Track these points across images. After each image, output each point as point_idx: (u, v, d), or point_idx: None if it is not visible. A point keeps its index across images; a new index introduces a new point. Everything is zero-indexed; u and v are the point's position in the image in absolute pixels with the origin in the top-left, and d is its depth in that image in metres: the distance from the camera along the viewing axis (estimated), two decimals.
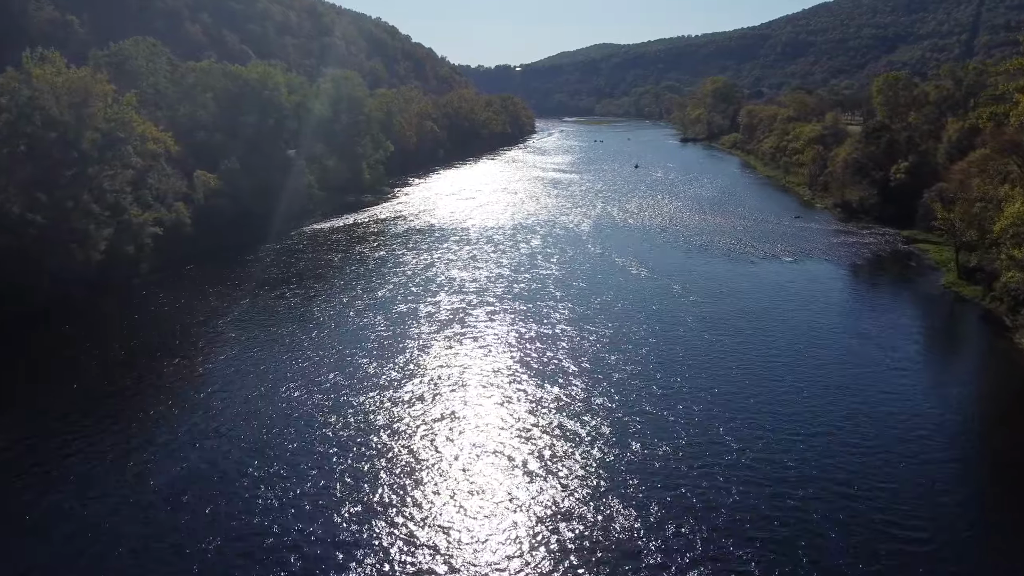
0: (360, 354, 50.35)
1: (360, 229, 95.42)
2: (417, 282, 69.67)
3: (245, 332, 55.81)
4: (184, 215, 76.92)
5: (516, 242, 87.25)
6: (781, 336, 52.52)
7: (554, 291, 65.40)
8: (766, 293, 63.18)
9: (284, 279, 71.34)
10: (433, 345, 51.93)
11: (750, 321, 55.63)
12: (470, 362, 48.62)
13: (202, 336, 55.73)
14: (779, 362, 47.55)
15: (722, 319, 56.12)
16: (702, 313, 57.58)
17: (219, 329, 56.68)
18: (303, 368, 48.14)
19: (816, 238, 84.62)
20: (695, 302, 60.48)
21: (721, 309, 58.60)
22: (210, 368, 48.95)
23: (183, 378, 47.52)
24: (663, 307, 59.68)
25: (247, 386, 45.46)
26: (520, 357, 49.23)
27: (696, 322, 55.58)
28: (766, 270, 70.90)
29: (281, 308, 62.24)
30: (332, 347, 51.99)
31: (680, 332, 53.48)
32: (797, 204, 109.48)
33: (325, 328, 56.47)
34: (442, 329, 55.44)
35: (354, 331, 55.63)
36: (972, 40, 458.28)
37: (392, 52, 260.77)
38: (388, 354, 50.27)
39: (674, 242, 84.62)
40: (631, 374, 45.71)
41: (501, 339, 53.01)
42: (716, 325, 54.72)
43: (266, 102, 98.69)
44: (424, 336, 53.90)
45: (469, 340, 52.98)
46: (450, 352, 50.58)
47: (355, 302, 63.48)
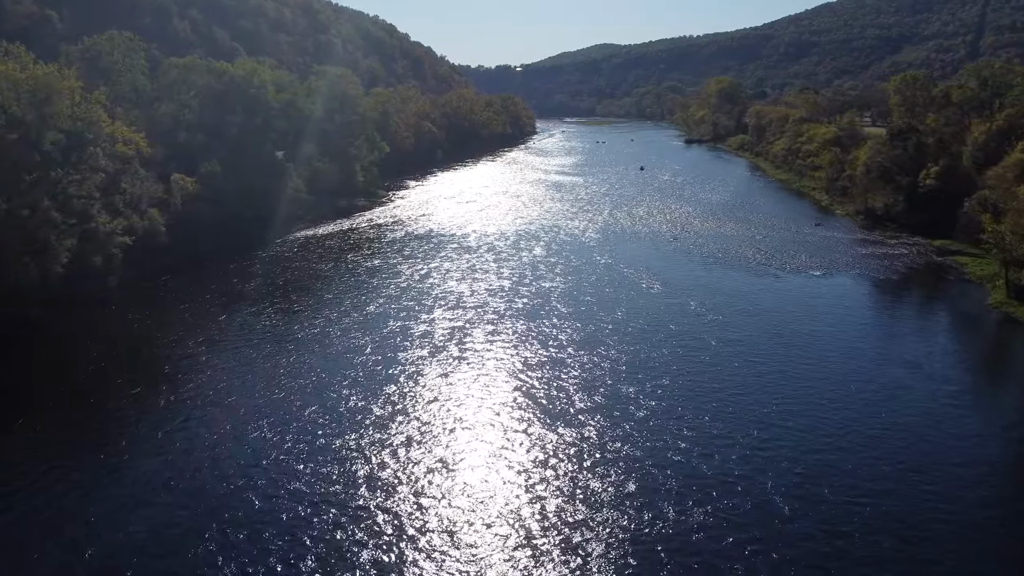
0: (343, 384, 44.45)
1: (351, 235, 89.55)
2: (411, 296, 63.85)
3: (217, 356, 49.96)
4: (158, 222, 71.02)
5: (518, 250, 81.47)
6: (820, 365, 46.58)
7: (560, 307, 59.57)
8: (795, 312, 57.21)
9: (266, 292, 65.50)
10: (426, 374, 46.05)
11: (782, 346, 49.71)
12: (467, 397, 42.71)
13: (169, 360, 49.84)
14: (824, 399, 41.56)
15: (750, 343, 50.23)
16: (726, 335, 51.68)
17: (188, 352, 50.81)
18: (278, 402, 42.24)
19: (840, 248, 78.68)
20: (717, 322, 54.60)
21: (748, 331, 52.70)
22: (173, 401, 43.04)
23: (141, 413, 41.61)
24: (682, 327, 53.78)
25: (213, 425, 39.63)
26: (524, 390, 43.34)
27: (721, 346, 49.68)
28: (792, 285, 64.91)
29: (260, 327, 56.34)
30: (313, 375, 46.10)
31: (704, 359, 47.56)
32: (815, 210, 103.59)
33: (307, 351, 50.58)
34: (437, 353, 49.58)
35: (339, 355, 49.75)
36: (977, 41, 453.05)
37: (390, 51, 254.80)
38: (375, 385, 44.39)
39: (687, 252, 78.74)
40: (653, 411, 39.82)
41: (502, 366, 47.14)
42: (744, 350, 48.82)
43: (252, 100, 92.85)
44: (416, 362, 48.01)
45: (467, 367, 47.10)
46: (445, 383, 44.68)
47: (342, 319, 57.63)
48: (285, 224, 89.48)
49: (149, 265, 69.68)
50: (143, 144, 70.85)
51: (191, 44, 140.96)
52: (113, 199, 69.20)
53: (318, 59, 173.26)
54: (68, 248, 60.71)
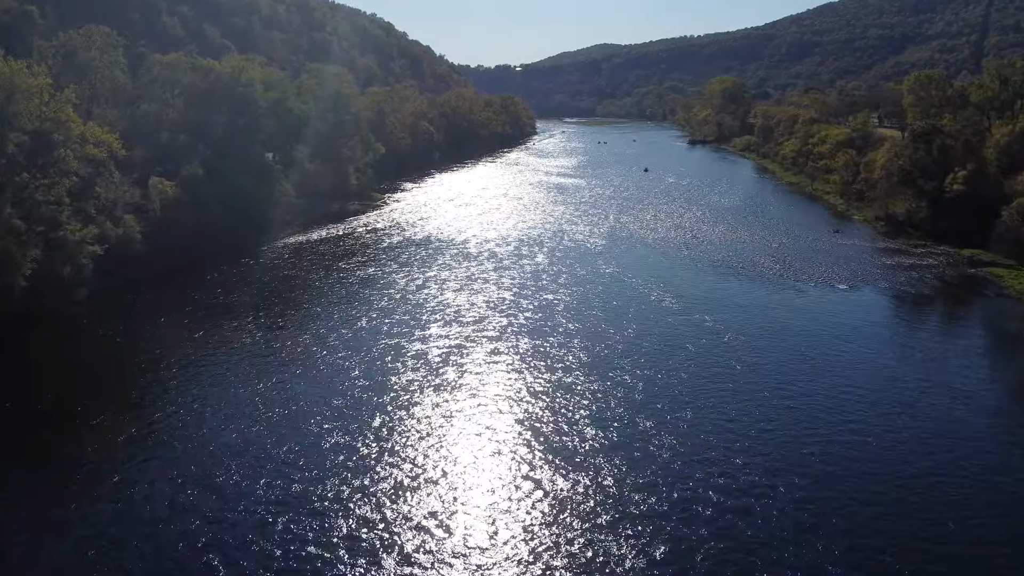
0: (327, 417, 39.66)
1: (343, 241, 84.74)
2: (405, 309, 59.12)
3: (190, 380, 45.29)
4: (134, 229, 66.12)
5: (519, 257, 76.75)
6: (859, 395, 41.77)
7: (565, 323, 54.82)
8: (823, 331, 52.33)
9: (249, 305, 60.71)
10: (419, 404, 41.26)
11: (814, 372, 44.89)
12: (464, 433, 37.93)
13: (137, 386, 45.14)
14: (871, 437, 36.75)
15: (778, 368, 45.45)
16: (750, 358, 46.89)
17: (159, 375, 46.10)
18: (252, 439, 37.45)
19: (863, 258, 73.82)
20: (738, 342, 49.79)
21: (773, 353, 47.91)
22: (136, 436, 38.31)
23: (99, 451, 36.80)
24: (700, 349, 48.98)
25: (180, 464, 34.99)
26: (529, 424, 38.56)
27: (746, 372, 44.90)
28: (816, 300, 60.01)
29: (240, 345, 51.57)
30: (294, 405, 41.33)
31: (729, 387, 42.77)
32: (831, 215, 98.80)
33: (289, 375, 45.85)
34: (432, 379, 44.81)
35: (324, 380, 45.00)
36: (982, 41, 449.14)
37: (387, 49, 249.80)
38: (362, 417, 39.63)
39: (699, 260, 73.94)
40: (676, 451, 35.04)
41: (504, 394, 42.37)
42: (772, 377, 44.05)
43: (239, 100, 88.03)
44: (409, 390, 43.24)
45: (465, 396, 42.33)
46: (440, 415, 39.90)
47: (330, 336, 52.86)
48: (273, 230, 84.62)
49: (123, 276, 64.81)
50: (117, 146, 65.97)
51: (181, 41, 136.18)
52: (85, 205, 64.40)
53: (313, 57, 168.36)
54: (33, 259, 55.92)
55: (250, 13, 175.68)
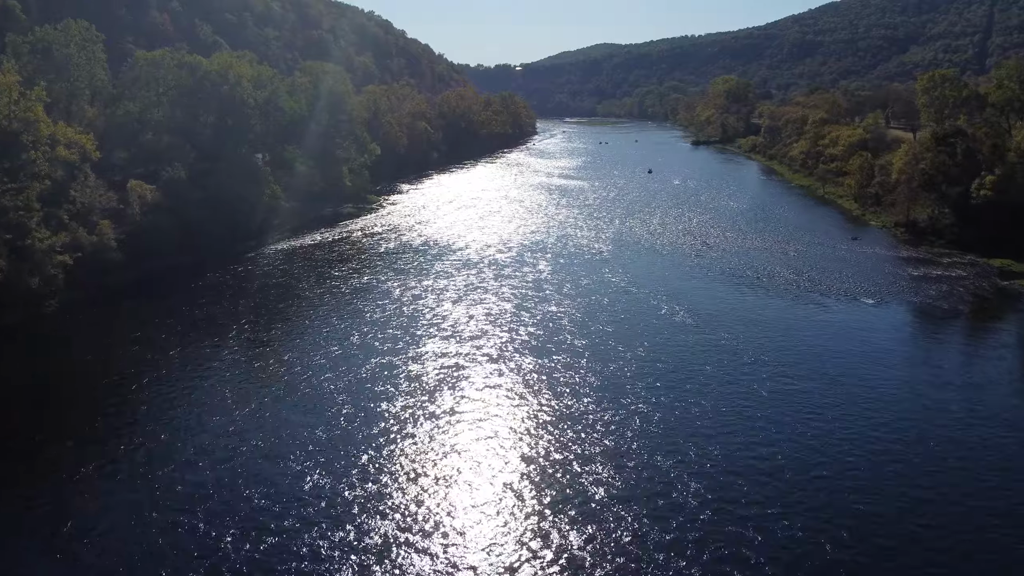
0: (309, 451, 35.47)
1: (335, 247, 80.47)
2: (399, 322, 54.96)
3: (163, 403, 41.39)
4: (108, 236, 61.90)
5: (521, 265, 72.58)
6: (900, 428, 37.53)
7: (571, 340, 50.61)
8: (853, 353, 47.82)
9: (231, 318, 56.54)
10: (412, 436, 37.06)
11: (848, 401, 40.59)
12: (461, 474, 33.72)
13: (104, 410, 41.10)
14: (919, 475, 32.70)
15: (808, 397, 41.17)
16: (777, 384, 42.64)
17: (129, 399, 42.15)
18: (225, 477, 33.35)
19: (886, 268, 69.48)
20: (761, 365, 45.55)
21: (801, 378, 43.58)
22: (98, 471, 34.27)
23: (55, 488, 32.82)
24: (720, 372, 44.75)
25: (140, 510, 30.84)
26: (534, 463, 34.37)
27: (773, 400, 40.66)
28: (841, 316, 55.55)
29: (219, 363, 47.41)
30: (274, 435, 37.22)
31: (757, 418, 38.52)
32: (846, 220, 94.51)
33: (271, 399, 41.71)
34: (426, 404, 40.63)
35: (309, 405, 40.84)
36: (986, 41, 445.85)
37: (386, 48, 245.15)
38: (348, 452, 35.47)
39: (711, 270, 69.64)
40: (703, 499, 30.81)
41: (506, 426, 38.18)
42: (802, 407, 39.79)
43: (226, 98, 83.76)
44: (401, 418, 39.04)
45: (462, 428, 38.12)
46: (434, 451, 35.71)
47: (317, 354, 48.69)
48: (260, 235, 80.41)
49: (97, 286, 60.80)
50: (91, 147, 61.82)
51: (170, 38, 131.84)
52: (57, 211, 60.19)
53: (308, 56, 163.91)
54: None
55: (243, 10, 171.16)
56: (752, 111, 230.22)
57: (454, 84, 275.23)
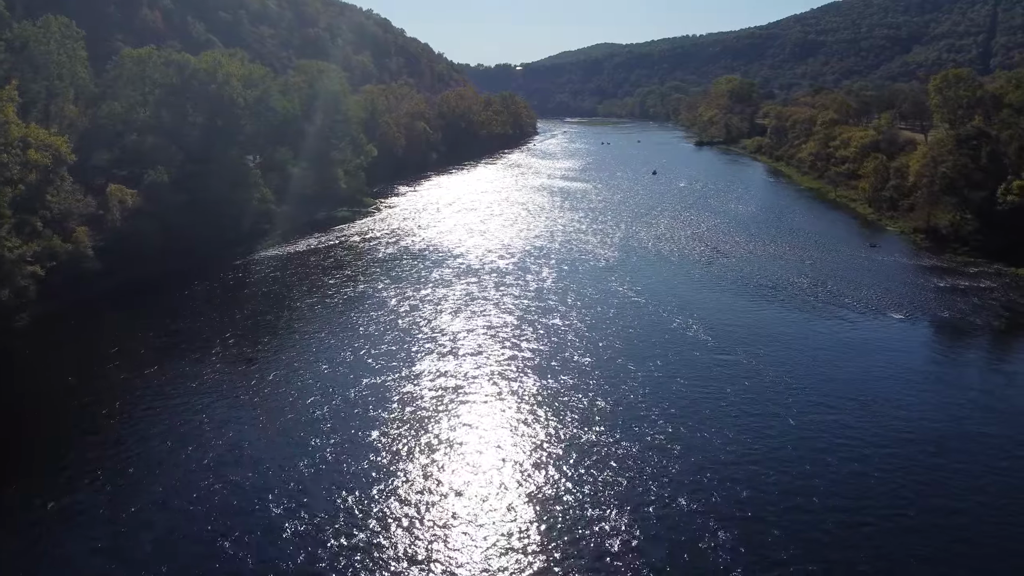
0: (290, 489, 31.92)
1: (328, 254, 76.82)
2: (395, 337, 51.42)
3: (136, 431, 38.24)
4: (84, 245, 58.20)
5: (523, 272, 69.00)
6: (953, 470, 33.72)
7: (578, 358, 47.01)
8: (887, 377, 43.69)
9: (214, 331, 52.98)
10: (404, 473, 33.45)
11: (888, 436, 36.79)
12: (458, 520, 30.04)
13: (71, 437, 37.97)
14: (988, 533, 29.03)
15: (843, 426, 37.45)
16: (807, 412, 38.95)
17: (99, 424, 39.00)
18: (196, 521, 29.72)
19: (910, 278, 65.68)
20: (787, 388, 41.87)
21: (836, 410, 39.60)
22: (55, 511, 30.71)
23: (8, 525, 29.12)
24: (742, 397, 41.06)
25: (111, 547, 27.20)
26: (541, 506, 30.74)
27: (805, 430, 36.98)
28: (871, 334, 51.39)
29: (199, 384, 43.85)
30: (252, 470, 33.79)
31: (787, 449, 34.89)
32: (861, 225, 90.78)
33: (252, 426, 38.26)
34: (420, 434, 37.05)
35: (294, 434, 37.31)
36: (989, 41, 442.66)
37: (384, 46, 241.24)
38: (332, 492, 31.86)
39: (724, 280, 65.92)
40: (739, 558, 27.11)
41: (509, 457, 34.61)
42: (838, 439, 36.09)
43: (214, 98, 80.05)
44: (392, 450, 35.46)
45: (460, 462, 34.52)
46: (428, 488, 32.08)
47: (305, 373, 45.26)
48: (249, 241, 76.75)
49: (73, 297, 57.20)
50: (66, 150, 58.09)
51: (161, 36, 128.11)
52: (30, 218, 56.46)
53: (305, 54, 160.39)
54: None
55: (238, 7, 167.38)
56: (756, 111, 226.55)
57: (454, 84, 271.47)
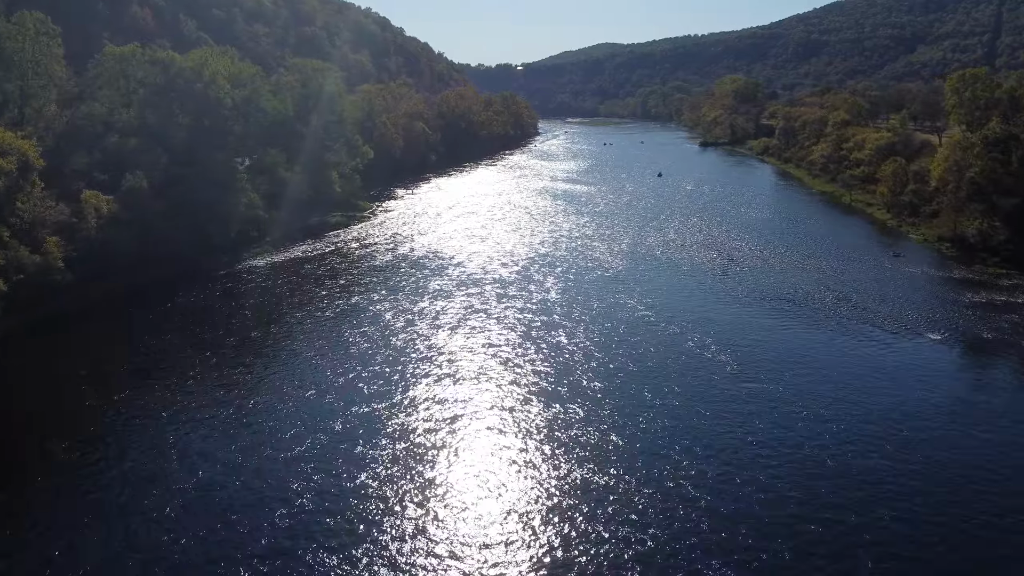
0: (263, 545, 27.62)
1: (319, 263, 72.65)
2: (388, 356, 47.45)
3: (102, 462, 34.65)
4: (55, 256, 54.01)
5: (526, 283, 64.93)
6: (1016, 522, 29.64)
7: (586, 383, 42.88)
8: (932, 410, 38.99)
9: (193, 348, 49.07)
10: (394, 529, 29.18)
11: (937, 477, 32.72)
12: None
13: (28, 471, 33.72)
14: None
15: (892, 473, 33.17)
16: (847, 454, 34.66)
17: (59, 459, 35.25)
18: None
19: (942, 292, 61.18)
20: (822, 426, 37.52)
21: (877, 449, 35.29)
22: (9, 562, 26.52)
23: None
24: (774, 436, 36.74)
25: None
26: (551, 567, 26.49)
27: (847, 476, 32.74)
28: (908, 358, 46.67)
29: (172, 412, 39.93)
30: (221, 519, 29.57)
31: (829, 501, 30.62)
32: (880, 232, 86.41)
33: (225, 464, 34.28)
34: (413, 475, 32.92)
35: (272, 475, 33.29)
36: (995, 41, 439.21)
37: (383, 46, 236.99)
38: (314, 545, 27.58)
39: (742, 293, 61.59)
40: None
41: (513, 507, 30.40)
42: (888, 489, 31.85)
43: (200, 98, 75.88)
44: (381, 495, 31.40)
45: (457, 512, 30.31)
46: (421, 549, 27.81)
47: (290, 399, 41.29)
48: (235, 249, 72.54)
49: (41, 312, 53.09)
50: (34, 154, 53.95)
51: (151, 34, 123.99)
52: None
53: (301, 53, 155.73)
54: None
55: (231, 5, 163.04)
56: (761, 111, 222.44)
57: (454, 84, 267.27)
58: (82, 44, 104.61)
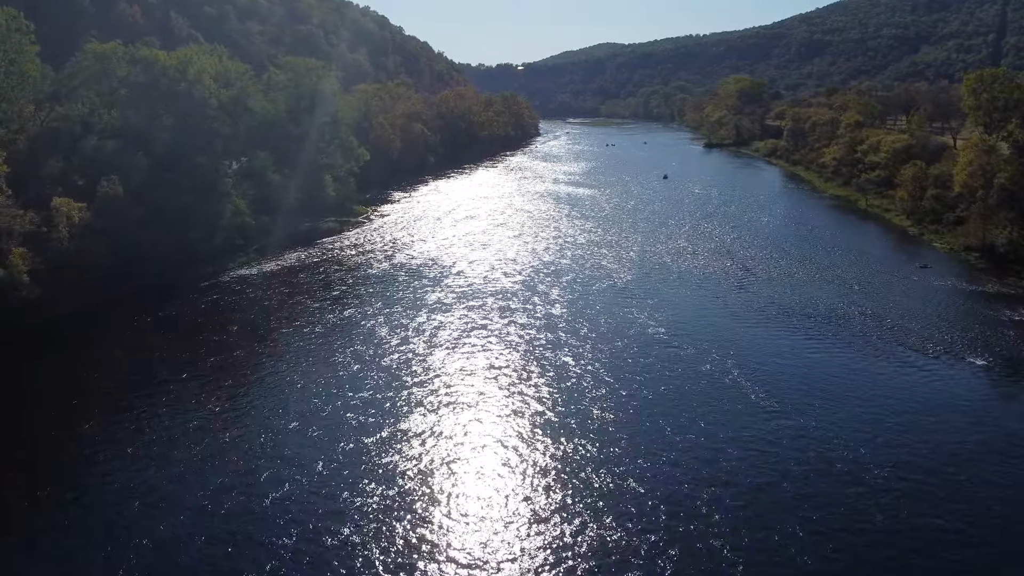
0: None
1: (308, 273, 68.54)
2: (378, 380, 43.58)
3: (58, 512, 30.45)
4: (20, 269, 49.86)
5: (530, 295, 60.92)
6: None
7: (598, 415, 38.88)
8: (990, 452, 34.51)
9: (169, 370, 45.12)
10: None
11: (1010, 535, 28.61)
12: None
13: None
14: None
15: (958, 530, 29.08)
16: (903, 513, 30.41)
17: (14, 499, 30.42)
18: None
19: (979, 309, 56.56)
20: (869, 473, 33.28)
21: (939, 510, 30.98)
22: None
23: None
24: (818, 486, 32.49)
25: None
26: None
27: (907, 538, 28.61)
28: (957, 390, 42.02)
29: (141, 446, 36.16)
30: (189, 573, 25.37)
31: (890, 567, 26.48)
32: (901, 241, 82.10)
33: (193, 509, 30.12)
34: (400, 532, 28.68)
35: (239, 527, 29.00)
36: (1000, 41, 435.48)
37: (381, 45, 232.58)
38: None
39: (764, 309, 57.04)
40: None
41: (517, 571, 26.19)
42: (954, 555, 27.76)
43: (184, 98, 71.71)
44: (366, 554, 27.08)
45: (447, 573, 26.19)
46: None
47: (269, 432, 37.41)
48: (218, 259, 68.29)
49: (5, 331, 48.77)
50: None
51: (140, 32, 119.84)
52: None
53: (296, 52, 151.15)
54: None
55: (224, 2, 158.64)
56: (767, 112, 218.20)
57: (454, 83, 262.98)
58: (67, 43, 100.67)
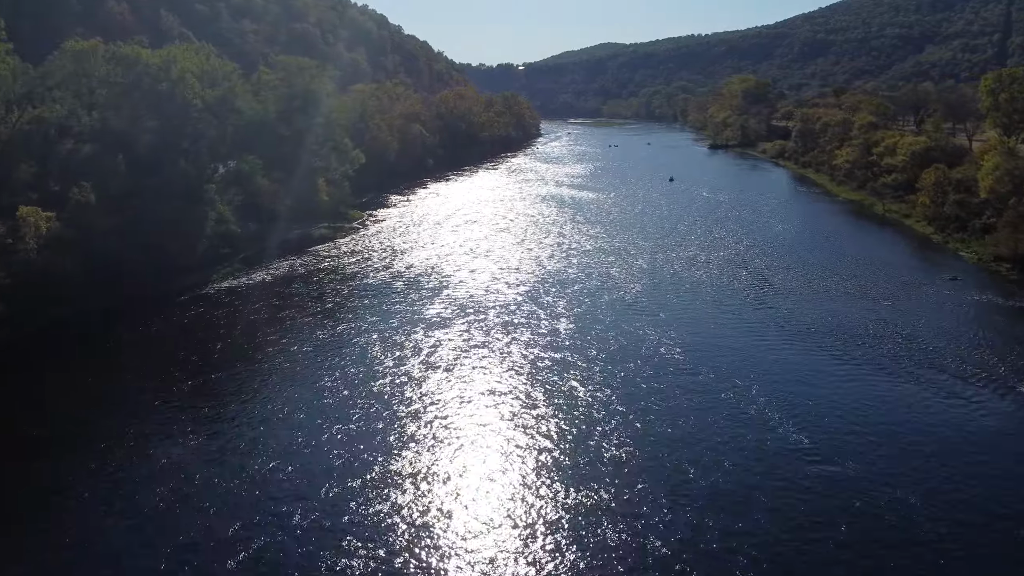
0: None
1: (297, 285, 64.43)
2: (369, 411, 39.65)
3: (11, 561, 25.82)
4: None
5: (534, 309, 57.02)
6: None
7: (612, 454, 34.84)
8: None
9: (141, 393, 41.18)
10: None
11: None
12: None
13: None
14: None
15: None
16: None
17: None
18: None
19: (1019, 327, 52.71)
20: (927, 530, 29.23)
21: None
22: None
23: None
24: (870, 546, 28.38)
25: None
26: None
27: None
28: (1007, 422, 37.51)
29: (104, 483, 31.93)
30: None
31: None
32: (926, 249, 77.76)
33: (156, 560, 25.87)
34: None
35: None
36: (1005, 41, 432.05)
37: (380, 44, 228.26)
38: None
39: (788, 329, 52.30)
40: None
41: None
42: None
43: (166, 98, 67.60)
44: None
45: None
46: None
47: (242, 474, 33.39)
48: (201, 270, 64.11)
49: None
50: None
51: (129, 31, 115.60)
52: None
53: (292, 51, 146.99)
54: None
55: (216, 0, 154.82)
56: (772, 113, 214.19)
57: (454, 83, 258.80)
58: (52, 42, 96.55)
